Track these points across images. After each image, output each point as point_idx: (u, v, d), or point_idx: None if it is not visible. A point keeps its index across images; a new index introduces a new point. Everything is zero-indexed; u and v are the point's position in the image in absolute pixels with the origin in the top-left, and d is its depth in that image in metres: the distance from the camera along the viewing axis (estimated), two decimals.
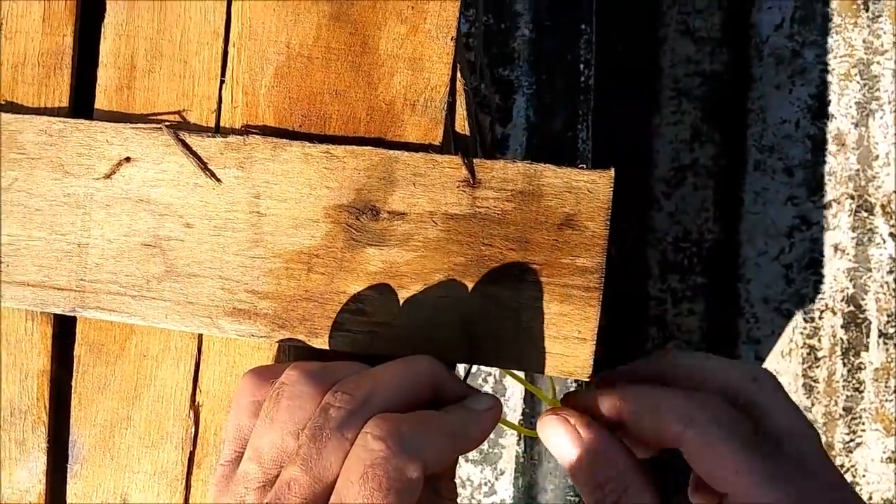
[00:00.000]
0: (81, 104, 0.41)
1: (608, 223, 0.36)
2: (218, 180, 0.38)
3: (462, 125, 0.38)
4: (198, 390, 0.41)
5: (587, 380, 0.37)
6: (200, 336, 0.40)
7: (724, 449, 0.32)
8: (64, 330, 0.42)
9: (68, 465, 0.41)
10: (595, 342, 0.36)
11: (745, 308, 1.21)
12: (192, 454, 0.41)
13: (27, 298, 0.40)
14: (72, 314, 0.40)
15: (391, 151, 0.37)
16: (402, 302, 0.37)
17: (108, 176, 0.39)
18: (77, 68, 0.41)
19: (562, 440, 0.35)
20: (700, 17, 1.23)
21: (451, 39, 0.37)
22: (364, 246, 0.38)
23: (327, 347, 0.38)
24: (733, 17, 1.22)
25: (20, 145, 0.40)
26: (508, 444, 0.98)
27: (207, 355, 0.40)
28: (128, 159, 0.39)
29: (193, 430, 0.41)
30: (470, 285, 0.37)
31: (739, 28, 1.21)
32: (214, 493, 0.33)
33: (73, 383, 0.41)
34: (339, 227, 0.38)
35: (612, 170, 0.36)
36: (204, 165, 0.38)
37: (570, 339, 0.37)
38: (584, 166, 0.36)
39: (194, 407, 0.41)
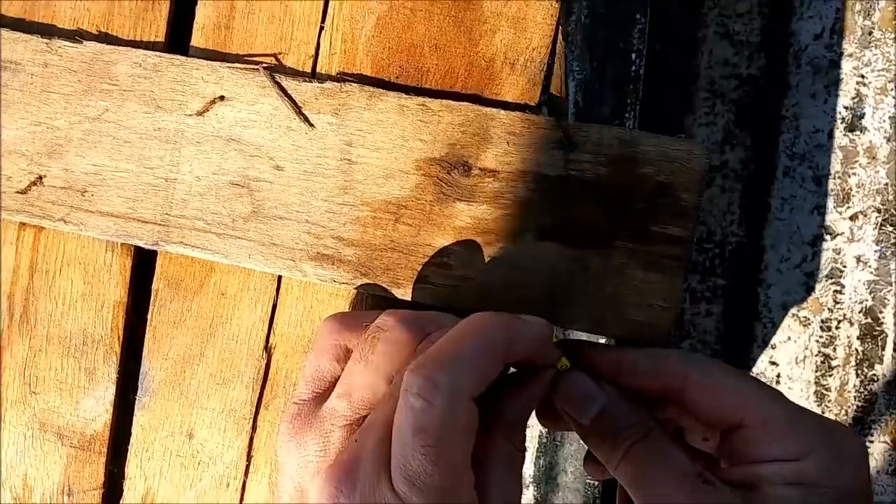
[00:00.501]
0: (177, 40, 0.41)
1: (702, 195, 0.36)
2: (311, 125, 0.38)
3: (559, 88, 0.38)
4: (272, 333, 0.41)
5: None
6: (280, 279, 0.41)
7: (732, 381, 0.33)
8: (142, 263, 0.42)
9: (136, 398, 0.42)
10: (678, 310, 0.37)
11: (762, 312, 1.22)
12: (261, 395, 0.41)
13: (110, 229, 0.40)
14: (154, 248, 0.40)
15: (487, 108, 0.38)
16: (486, 258, 0.38)
17: (200, 113, 0.39)
18: (175, 4, 0.41)
19: (582, 395, 0.35)
20: (741, 21, 1.23)
21: (557, 1, 0.38)
22: (453, 200, 0.38)
23: (408, 298, 0.38)
24: (773, 23, 1.23)
25: (113, 76, 0.40)
26: (532, 424, 0.99)
27: (285, 299, 0.41)
28: (222, 98, 0.39)
29: (265, 371, 0.41)
30: (557, 247, 0.37)
31: (779, 34, 1.21)
32: (287, 430, 0.34)
33: (149, 317, 0.41)
34: (429, 180, 0.38)
35: (707, 144, 0.36)
36: (298, 109, 0.38)
37: (654, 307, 0.37)
38: (682, 136, 0.36)
39: (268, 349, 0.41)
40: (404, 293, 0.39)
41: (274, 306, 0.41)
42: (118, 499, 0.43)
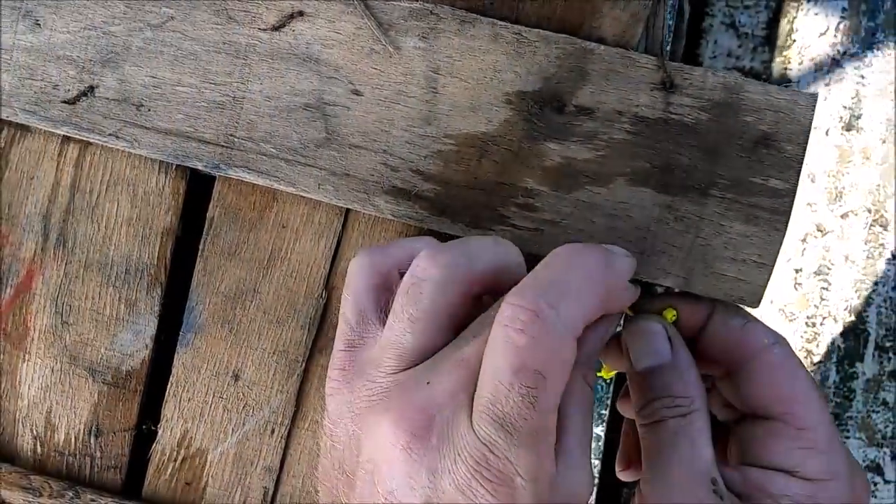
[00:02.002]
0: None
1: (806, 147, 0.35)
2: (396, 48, 0.36)
3: (661, 26, 0.37)
4: (334, 271, 0.39)
5: (755, 308, 0.36)
6: (347, 213, 0.38)
7: (793, 370, 0.33)
8: (197, 189, 0.39)
9: (181, 334, 0.39)
10: (773, 267, 0.35)
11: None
12: (316, 337, 0.39)
13: (167, 148, 0.37)
14: (214, 172, 0.37)
15: (587, 43, 0.36)
16: (575, 202, 0.36)
17: (276, 28, 0.36)
18: None
19: (656, 343, 0.34)
20: (747, 14, 1.23)
21: None
22: (544, 139, 0.36)
23: None
24: (779, 17, 1.23)
25: None
26: None
27: (350, 235, 0.38)
28: (300, 13, 0.36)
29: (322, 311, 0.39)
30: (650, 193, 0.36)
31: (784, 29, 1.22)
32: (337, 377, 0.31)
33: (201, 247, 0.39)
34: (520, 115, 0.36)
35: (817, 94, 0.35)
36: (384, 31, 0.36)
37: (748, 263, 0.36)
38: (789, 84, 0.35)
39: (328, 288, 0.39)
40: (483, 234, 0.36)
41: (338, 242, 0.38)
42: (151, 442, 0.40)
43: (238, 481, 0.39)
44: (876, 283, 1.20)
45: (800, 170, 0.35)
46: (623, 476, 0.39)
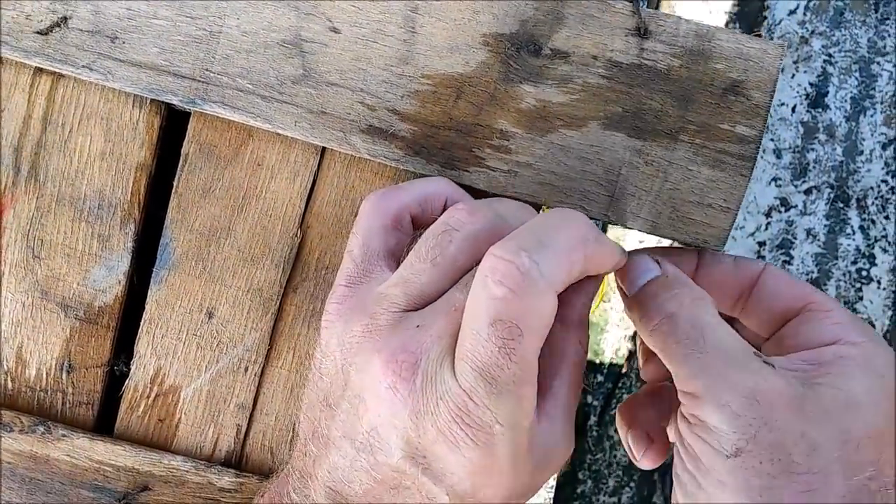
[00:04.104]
0: None
1: (773, 95, 0.36)
2: None
3: None
4: (309, 211, 0.39)
5: (718, 250, 0.37)
6: (322, 152, 0.38)
7: (798, 278, 0.34)
8: (172, 125, 0.39)
9: (154, 270, 0.39)
10: (737, 212, 0.36)
11: None
12: (291, 276, 0.39)
13: (141, 81, 0.37)
14: (189, 107, 0.37)
15: None
16: (548, 145, 0.37)
17: None
18: None
19: (646, 266, 0.34)
20: None
21: None
22: (520, 81, 0.36)
23: (460, 181, 0.37)
24: None
25: None
26: None
27: (326, 174, 0.39)
28: None
29: (297, 250, 0.39)
30: (622, 137, 0.36)
31: (755, 6, 1.23)
32: (335, 310, 0.32)
33: (176, 183, 0.39)
34: (496, 57, 0.36)
35: (785, 42, 0.36)
36: None
37: (714, 207, 0.37)
38: (759, 34, 0.35)
39: (303, 227, 0.39)
40: (457, 176, 0.37)
41: (314, 182, 0.39)
42: (124, 379, 0.40)
43: (211, 418, 0.40)
44: (836, 258, 1.23)
45: (766, 117, 0.36)
46: (646, 461, 0.38)
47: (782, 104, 1.23)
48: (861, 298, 1.23)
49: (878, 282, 1.23)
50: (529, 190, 0.37)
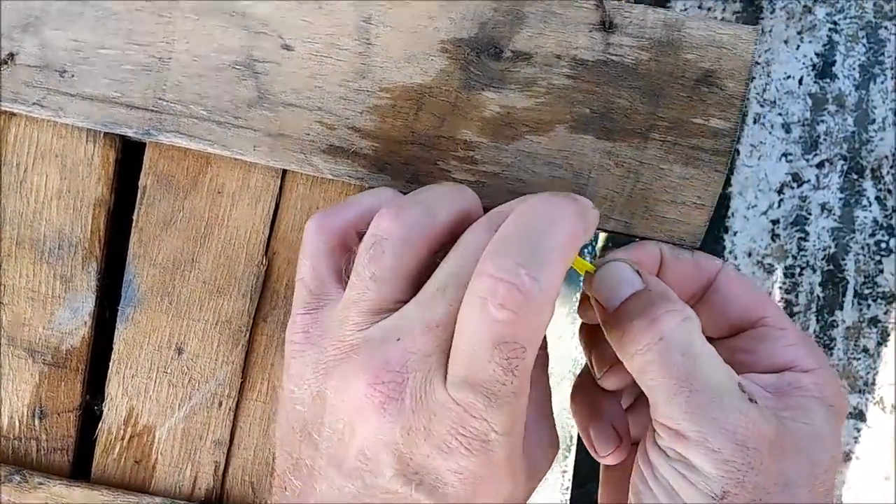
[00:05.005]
0: None
1: (748, 84, 0.34)
2: None
3: None
4: (274, 236, 0.37)
5: (695, 248, 0.36)
6: (284, 174, 0.37)
7: (755, 284, 0.34)
8: (128, 157, 0.38)
9: (119, 308, 0.38)
10: (712, 209, 0.35)
11: (728, 259, 1.22)
12: (259, 305, 0.38)
13: (94, 115, 0.35)
14: (144, 138, 0.36)
15: None
16: (515, 152, 0.35)
17: None
18: None
19: (627, 277, 0.32)
20: None
21: None
22: (482, 88, 0.35)
23: None
24: None
25: None
26: None
27: (289, 197, 0.37)
28: None
29: (264, 278, 0.38)
30: (591, 140, 0.35)
31: None
32: (301, 340, 0.30)
33: (135, 217, 0.37)
34: (456, 63, 0.35)
35: (759, 27, 0.34)
36: None
37: (688, 205, 0.35)
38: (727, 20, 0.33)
39: (268, 254, 0.37)
40: None
41: (277, 206, 0.37)
42: (97, 421, 0.39)
43: (188, 457, 0.38)
44: (853, 231, 1.20)
45: (741, 107, 0.34)
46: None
47: (788, 77, 1.19)
48: (882, 271, 1.20)
49: None
50: (498, 200, 0.35)
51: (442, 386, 0.26)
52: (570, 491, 0.84)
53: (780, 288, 1.21)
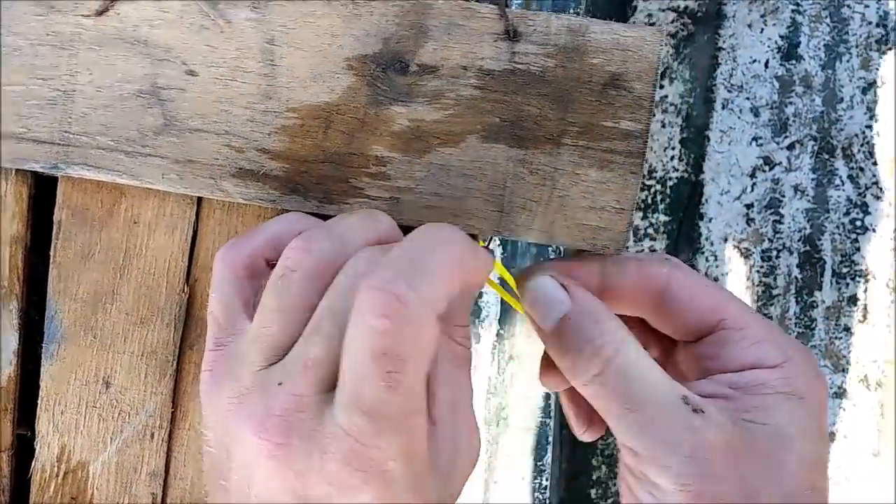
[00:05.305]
0: None
1: (656, 85, 0.33)
2: (227, 22, 0.34)
3: None
4: (194, 263, 0.37)
5: (618, 254, 0.35)
6: (199, 201, 0.37)
7: (709, 283, 0.33)
8: (41, 192, 0.37)
9: (44, 345, 0.37)
10: (633, 212, 0.34)
11: (704, 246, 1.22)
12: (184, 334, 0.37)
13: (1, 152, 0.35)
14: (53, 172, 0.35)
15: None
16: (427, 166, 0.34)
17: (99, 13, 0.34)
18: None
19: (552, 297, 0.33)
20: None
21: None
22: (389, 103, 0.34)
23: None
24: None
25: None
26: (482, 365, 0.97)
27: (206, 224, 0.37)
28: None
29: (187, 307, 0.37)
30: (503, 149, 0.34)
31: None
32: (206, 379, 0.30)
33: (52, 252, 0.37)
34: (362, 80, 0.34)
35: (664, 27, 0.33)
36: (212, 4, 0.34)
37: (608, 210, 0.34)
38: (634, 22, 0.33)
39: (189, 282, 0.37)
40: (337, 210, 0.35)
41: (194, 233, 0.37)
42: (30, 460, 0.38)
43: (124, 490, 0.38)
44: (828, 211, 1.19)
45: (651, 109, 0.33)
46: (587, 437, 0.38)
47: (754, 61, 1.19)
48: (858, 249, 1.19)
49: (874, 230, 1.19)
50: (415, 215, 0.35)
51: (331, 419, 0.26)
52: (548, 490, 0.83)
53: (758, 272, 1.21)
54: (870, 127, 1.18)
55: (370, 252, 0.29)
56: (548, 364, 0.36)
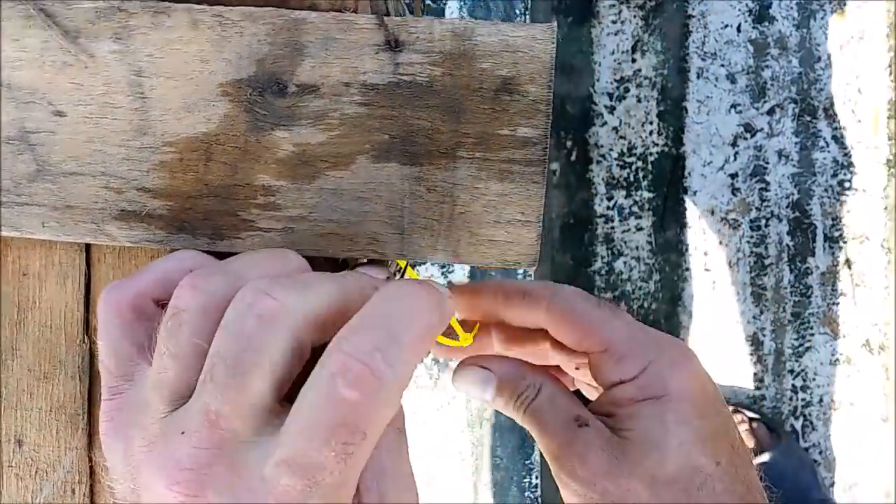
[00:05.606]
0: None
1: (551, 86, 0.31)
2: (90, 56, 0.32)
3: None
4: (91, 312, 0.35)
5: (532, 269, 0.33)
6: (88, 247, 0.35)
7: (583, 309, 0.34)
8: None
9: None
10: (540, 224, 0.32)
11: (691, 220, 1.19)
12: (90, 385, 0.36)
13: None
14: None
15: (296, 12, 0.32)
16: (319, 191, 0.32)
17: None
18: None
19: (479, 381, 0.36)
20: None
21: None
22: (271, 128, 0.32)
23: (235, 250, 0.33)
24: None
25: None
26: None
27: (98, 269, 0.35)
28: None
29: (89, 357, 0.35)
30: (396, 167, 0.32)
31: None
32: (107, 429, 0.28)
33: None
34: (239, 106, 0.32)
35: (555, 24, 0.31)
36: (72, 39, 0.32)
37: (514, 223, 0.32)
38: (522, 21, 0.31)
39: (88, 331, 0.35)
40: (230, 245, 0.33)
41: (87, 281, 0.35)
42: None
43: None
44: (814, 175, 1.16)
45: (548, 112, 0.31)
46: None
47: (726, 26, 1.15)
48: (849, 211, 1.16)
49: (864, 190, 1.16)
50: (311, 244, 0.33)
51: (254, 470, 0.24)
52: (538, 488, 0.81)
53: (748, 242, 1.18)
54: (849, 84, 1.14)
55: (262, 281, 0.26)
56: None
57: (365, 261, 0.34)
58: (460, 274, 0.90)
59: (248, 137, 0.32)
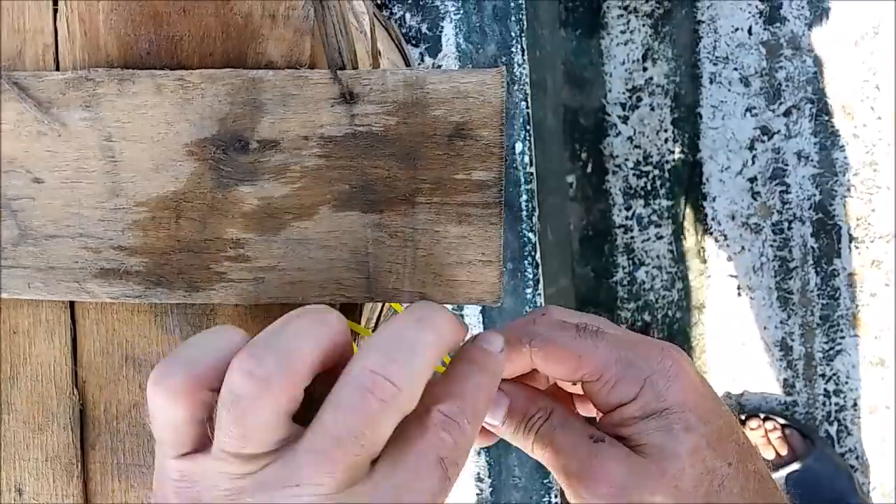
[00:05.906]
0: None
1: (503, 129, 0.31)
2: (63, 125, 0.33)
3: (333, 34, 0.33)
4: (79, 365, 0.37)
5: (497, 306, 0.33)
6: (72, 304, 0.36)
7: (568, 342, 0.33)
8: None
9: None
10: (501, 263, 0.32)
11: (712, 226, 1.18)
12: (83, 435, 0.37)
13: None
14: None
15: (253, 72, 0.33)
16: (286, 242, 0.33)
17: None
18: None
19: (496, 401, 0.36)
20: None
21: None
22: (236, 183, 0.33)
23: (211, 301, 0.34)
24: None
25: None
26: None
27: (83, 325, 0.36)
28: None
29: (80, 408, 0.37)
30: (357, 216, 0.33)
31: None
32: (177, 492, 0.27)
33: None
34: (205, 164, 0.33)
35: (503, 68, 0.31)
36: (45, 109, 0.33)
37: (475, 263, 0.33)
38: (471, 66, 0.31)
39: (77, 384, 0.37)
40: (205, 297, 0.34)
41: (74, 336, 0.36)
42: None
43: None
44: (836, 174, 1.14)
45: (502, 155, 0.32)
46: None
47: (737, 29, 1.14)
48: (874, 210, 1.13)
49: (888, 187, 1.13)
50: (282, 293, 0.34)
51: None
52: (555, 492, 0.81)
53: (772, 246, 1.16)
54: (867, 81, 1.12)
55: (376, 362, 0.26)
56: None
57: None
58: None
59: (215, 194, 0.33)
